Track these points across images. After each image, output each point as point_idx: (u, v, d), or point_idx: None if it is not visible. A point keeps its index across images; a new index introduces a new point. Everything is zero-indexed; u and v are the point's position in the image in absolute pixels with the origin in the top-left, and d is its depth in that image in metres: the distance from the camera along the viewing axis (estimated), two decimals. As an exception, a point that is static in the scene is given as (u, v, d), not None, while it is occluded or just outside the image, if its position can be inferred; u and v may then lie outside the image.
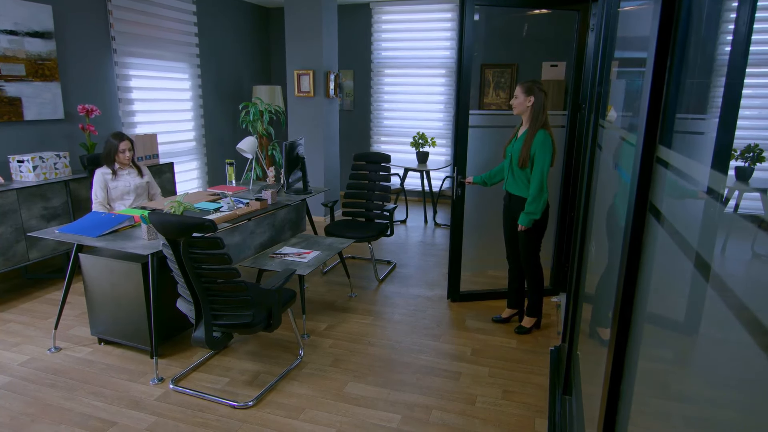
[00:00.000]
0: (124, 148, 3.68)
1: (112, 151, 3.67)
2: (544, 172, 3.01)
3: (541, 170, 3.00)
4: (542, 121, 3.04)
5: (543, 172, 3.01)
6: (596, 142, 2.32)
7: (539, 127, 3.03)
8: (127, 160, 3.72)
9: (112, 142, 3.67)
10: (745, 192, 0.65)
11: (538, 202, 3.04)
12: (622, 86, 1.83)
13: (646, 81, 1.02)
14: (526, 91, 3.03)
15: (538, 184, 3.01)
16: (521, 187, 3.14)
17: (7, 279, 4.25)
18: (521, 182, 3.13)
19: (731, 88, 0.77)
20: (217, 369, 2.95)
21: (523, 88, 3.05)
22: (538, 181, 3.01)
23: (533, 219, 3.08)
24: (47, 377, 2.83)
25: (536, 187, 3.02)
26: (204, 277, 2.42)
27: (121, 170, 3.75)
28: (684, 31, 0.95)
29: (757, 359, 0.51)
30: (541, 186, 3.02)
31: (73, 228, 3.02)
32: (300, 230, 4.24)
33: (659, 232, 1.00)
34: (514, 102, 3.08)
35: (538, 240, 3.21)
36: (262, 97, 6.74)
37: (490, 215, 4.02)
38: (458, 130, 3.52)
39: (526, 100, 3.04)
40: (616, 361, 1.16)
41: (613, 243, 1.55)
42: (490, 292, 3.97)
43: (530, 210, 3.06)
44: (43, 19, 4.29)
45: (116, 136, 3.69)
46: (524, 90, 3.04)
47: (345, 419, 2.50)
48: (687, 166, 0.86)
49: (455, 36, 6.96)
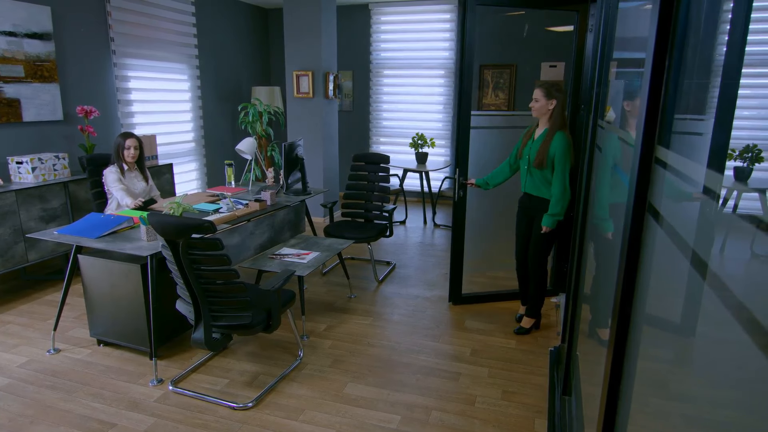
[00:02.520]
0: (129, 144, 3.68)
1: (119, 148, 3.68)
2: (566, 173, 3.04)
3: (563, 171, 3.03)
4: (561, 123, 3.06)
5: (565, 173, 3.04)
6: (595, 142, 2.33)
7: (558, 128, 3.04)
8: (132, 158, 3.71)
9: (118, 140, 3.70)
10: (744, 192, 0.65)
11: (563, 203, 3.07)
12: (620, 87, 1.84)
13: (644, 81, 1.02)
14: (546, 95, 3.04)
15: (560, 185, 3.04)
16: (540, 188, 3.16)
17: (5, 280, 4.25)
18: (540, 183, 3.15)
19: (729, 88, 0.77)
20: (216, 370, 2.94)
21: (544, 91, 3.05)
22: (561, 182, 3.04)
23: (557, 220, 3.11)
24: (46, 379, 2.82)
25: (559, 189, 3.04)
26: (203, 278, 2.42)
27: (129, 172, 3.76)
28: (682, 31, 0.95)
29: (755, 359, 0.51)
30: (564, 187, 3.05)
31: (72, 229, 3.02)
32: (299, 231, 4.24)
33: (658, 232, 1.00)
34: (535, 105, 3.08)
35: (552, 242, 3.24)
36: (261, 98, 6.74)
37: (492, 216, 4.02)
38: (460, 132, 3.50)
39: (548, 104, 3.05)
40: (615, 361, 1.16)
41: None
42: (492, 294, 3.95)
43: (555, 212, 3.08)
44: (41, 20, 4.29)
45: (123, 134, 3.72)
46: (545, 93, 3.05)
47: (344, 420, 2.50)
48: (686, 166, 0.87)
49: (454, 37, 6.96)
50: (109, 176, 3.65)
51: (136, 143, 3.73)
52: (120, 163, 3.70)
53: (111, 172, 3.66)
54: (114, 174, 3.66)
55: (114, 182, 3.63)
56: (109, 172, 3.66)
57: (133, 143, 3.71)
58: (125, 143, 3.68)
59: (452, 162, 7.27)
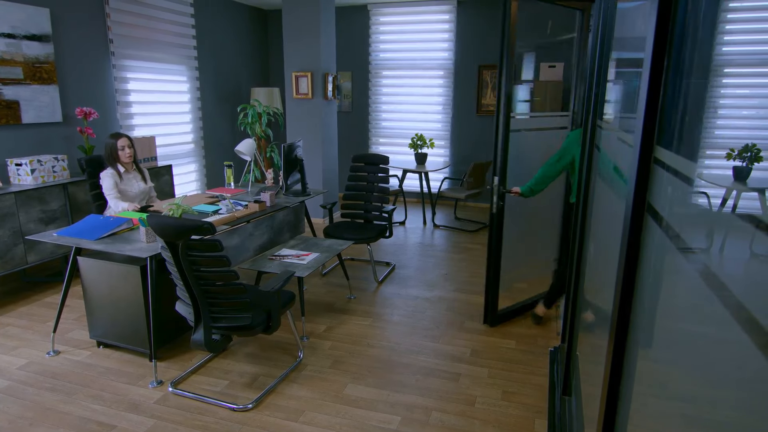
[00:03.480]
0: (122, 144, 3.61)
1: (113, 151, 3.60)
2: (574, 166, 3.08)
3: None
4: None
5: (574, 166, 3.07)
6: (594, 142, 2.33)
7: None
8: (128, 158, 3.65)
9: (109, 142, 3.61)
10: (743, 192, 0.65)
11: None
12: (619, 87, 1.84)
13: (643, 82, 1.03)
14: None
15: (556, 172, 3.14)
16: None
17: (5, 282, 4.24)
18: None
19: (727, 88, 0.77)
20: (216, 371, 2.94)
21: None
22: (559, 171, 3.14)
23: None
24: (46, 381, 2.82)
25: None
26: (203, 280, 2.42)
27: (127, 174, 3.70)
28: (681, 31, 0.95)
29: (754, 359, 0.51)
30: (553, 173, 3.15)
31: (72, 231, 3.01)
32: (299, 232, 4.24)
33: (657, 232, 1.00)
34: None
35: None
36: (260, 99, 6.74)
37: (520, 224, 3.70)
38: (499, 136, 3.13)
39: None
40: (615, 361, 1.16)
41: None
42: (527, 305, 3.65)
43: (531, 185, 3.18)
44: (40, 22, 4.29)
45: (113, 135, 3.64)
46: None
47: (344, 421, 2.50)
48: (685, 166, 0.87)
49: (453, 37, 6.97)
50: (106, 181, 3.56)
51: (128, 142, 3.64)
52: (115, 165, 3.63)
53: (107, 176, 3.57)
54: (110, 179, 3.55)
55: (110, 189, 3.55)
56: (105, 176, 3.57)
57: (125, 142, 3.62)
58: (118, 144, 3.60)
59: (451, 162, 7.28)
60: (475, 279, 4.35)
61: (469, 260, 4.93)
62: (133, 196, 3.72)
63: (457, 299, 3.98)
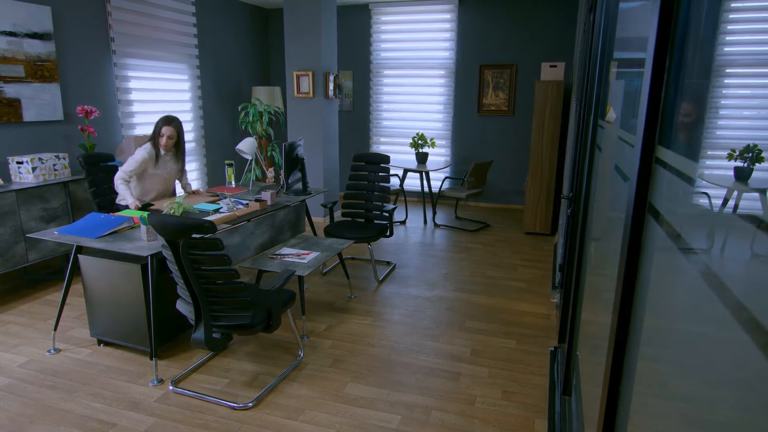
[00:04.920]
0: (164, 132, 3.54)
1: (156, 132, 3.56)
2: None
3: None
4: None
5: None
6: (595, 142, 2.33)
7: None
8: (164, 146, 3.59)
9: (158, 123, 3.55)
10: (744, 192, 0.65)
11: None
12: (621, 86, 1.84)
13: (644, 82, 1.02)
14: None
15: None
16: None
17: (6, 280, 4.25)
18: None
19: (729, 88, 0.77)
20: (216, 370, 2.95)
21: None
22: None
23: None
24: (47, 379, 2.82)
25: None
26: (203, 278, 2.42)
27: (165, 156, 3.67)
28: (683, 31, 0.95)
29: (755, 359, 0.51)
30: None
31: (73, 229, 3.02)
32: (299, 231, 4.24)
33: (658, 232, 1.00)
34: None
35: None
36: (261, 98, 6.74)
37: None
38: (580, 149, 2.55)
39: None
40: (615, 361, 1.16)
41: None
42: None
43: None
44: (42, 20, 4.29)
45: (164, 118, 3.56)
46: None
47: (344, 420, 2.50)
48: (686, 166, 0.87)
49: (455, 37, 6.96)
50: (138, 153, 3.49)
51: (171, 132, 3.54)
52: (156, 145, 3.57)
53: (142, 149, 3.51)
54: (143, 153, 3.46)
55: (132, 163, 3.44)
56: (140, 149, 3.51)
57: (168, 131, 3.53)
58: (161, 130, 3.53)
59: (452, 162, 7.27)
60: (476, 279, 4.35)
61: (470, 260, 4.93)
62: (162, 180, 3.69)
63: (457, 299, 3.98)
